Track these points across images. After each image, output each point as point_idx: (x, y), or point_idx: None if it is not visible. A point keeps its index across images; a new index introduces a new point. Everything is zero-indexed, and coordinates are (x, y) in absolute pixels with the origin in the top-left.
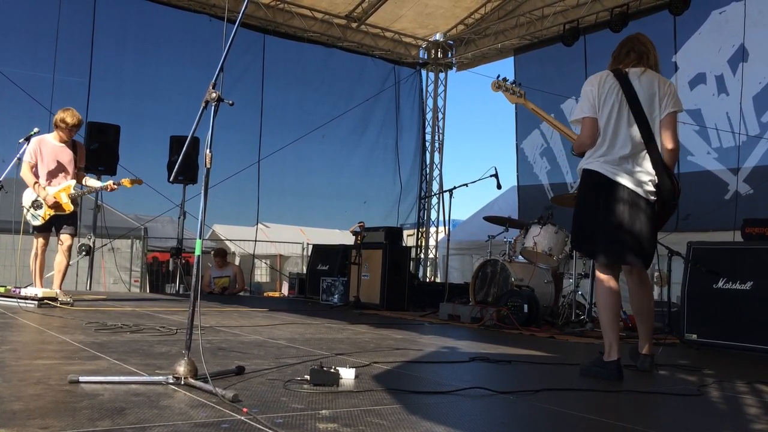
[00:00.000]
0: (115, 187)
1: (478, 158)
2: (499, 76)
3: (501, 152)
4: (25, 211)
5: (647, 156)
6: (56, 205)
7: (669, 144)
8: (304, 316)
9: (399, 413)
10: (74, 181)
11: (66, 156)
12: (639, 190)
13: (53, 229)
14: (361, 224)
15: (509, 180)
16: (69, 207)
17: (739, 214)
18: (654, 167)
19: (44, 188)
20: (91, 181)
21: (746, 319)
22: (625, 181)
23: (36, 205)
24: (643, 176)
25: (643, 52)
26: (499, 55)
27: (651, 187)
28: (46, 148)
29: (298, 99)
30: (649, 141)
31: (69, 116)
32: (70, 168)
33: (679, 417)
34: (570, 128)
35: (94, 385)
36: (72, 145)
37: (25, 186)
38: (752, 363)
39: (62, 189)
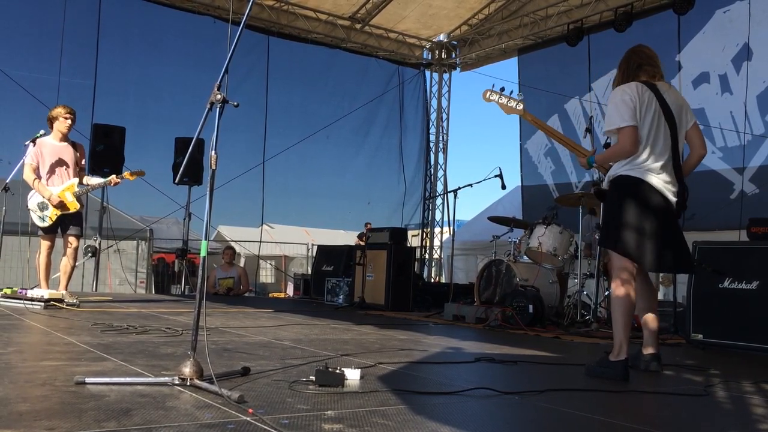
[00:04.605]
0: (119, 180)
1: (483, 158)
2: (493, 86)
3: (505, 152)
4: (31, 213)
5: (672, 164)
6: (61, 205)
7: (704, 149)
8: (309, 317)
9: (404, 414)
10: (77, 180)
11: (67, 155)
12: (672, 198)
13: (59, 230)
14: (368, 225)
15: (514, 180)
16: (74, 205)
17: (745, 213)
18: (676, 174)
19: (47, 188)
20: (93, 179)
21: (752, 318)
22: (665, 189)
23: (42, 206)
24: (673, 186)
25: (655, 67)
26: (503, 55)
27: (675, 196)
28: (47, 149)
29: (303, 100)
30: (675, 150)
31: (61, 106)
32: (72, 167)
33: (685, 417)
34: (578, 142)
35: (101, 386)
36: (72, 144)
37: (30, 188)
38: (758, 363)
39: (66, 188)
